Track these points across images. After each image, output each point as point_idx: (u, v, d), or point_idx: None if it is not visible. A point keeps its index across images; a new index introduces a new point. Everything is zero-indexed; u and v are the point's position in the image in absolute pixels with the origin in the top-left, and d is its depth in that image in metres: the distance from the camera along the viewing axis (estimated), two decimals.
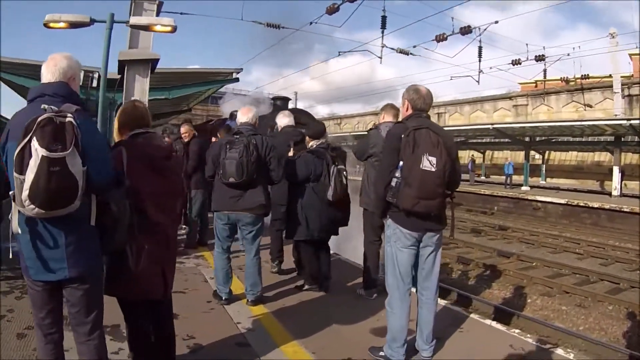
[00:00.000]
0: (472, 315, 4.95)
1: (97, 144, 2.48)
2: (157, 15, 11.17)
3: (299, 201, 5.30)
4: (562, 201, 21.75)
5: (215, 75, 15.51)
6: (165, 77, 14.62)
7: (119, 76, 11.41)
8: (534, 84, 33.72)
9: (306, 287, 5.50)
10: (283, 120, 6.48)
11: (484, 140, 33.83)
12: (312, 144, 5.49)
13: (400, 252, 3.54)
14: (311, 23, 15.50)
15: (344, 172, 5.27)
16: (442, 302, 5.22)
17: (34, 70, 12.70)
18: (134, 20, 6.95)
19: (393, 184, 3.38)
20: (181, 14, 13.46)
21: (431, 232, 3.54)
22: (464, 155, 40.07)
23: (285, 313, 4.78)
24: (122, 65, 10.34)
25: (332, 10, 14.27)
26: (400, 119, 3.92)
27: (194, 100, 21.10)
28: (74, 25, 6.95)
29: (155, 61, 10.60)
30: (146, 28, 7.14)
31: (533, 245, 15.37)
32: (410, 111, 3.63)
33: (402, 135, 3.37)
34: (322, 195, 5.18)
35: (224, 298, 4.98)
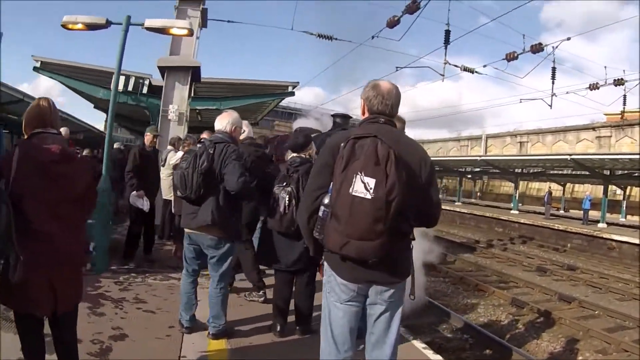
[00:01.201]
0: None
1: None
2: (203, 22, 11.07)
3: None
4: (639, 242, 19.58)
5: (272, 89, 15.23)
6: (216, 87, 14.57)
7: None
8: (620, 115, 31.12)
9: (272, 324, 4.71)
10: None
11: (563, 172, 31.47)
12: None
13: (334, 308, 2.59)
14: (373, 37, 14.78)
15: (285, 197, 4.28)
16: None
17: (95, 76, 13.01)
18: (149, 22, 6.67)
19: (320, 213, 2.48)
20: (228, 22, 13.29)
21: (380, 285, 2.54)
22: (543, 187, 37.69)
23: (245, 354, 4.13)
24: (162, 72, 10.26)
25: (393, 24, 13.54)
26: None
27: (260, 113, 21.05)
28: (90, 27, 6.80)
29: (196, 69, 10.42)
30: (162, 31, 6.82)
31: (600, 290, 13.69)
32: (367, 115, 2.70)
33: (341, 147, 2.41)
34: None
35: (184, 326, 4.45)
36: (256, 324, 4.83)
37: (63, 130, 11.12)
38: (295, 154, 4.63)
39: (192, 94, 13.01)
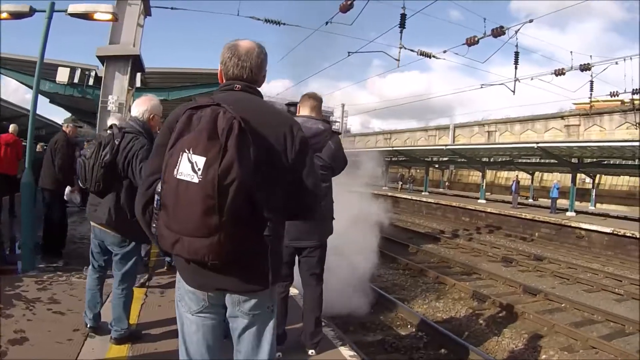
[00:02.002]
0: None
1: None
2: (146, 9, 10.62)
3: None
4: (608, 230, 19.50)
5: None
6: (167, 77, 14.12)
7: None
8: (589, 104, 31.31)
9: None
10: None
11: (531, 161, 31.65)
12: None
13: (186, 319, 2.10)
14: (327, 23, 14.40)
15: None
16: None
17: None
18: (72, 8, 6.34)
19: (155, 203, 1.89)
20: (171, 8, 12.68)
21: (235, 294, 2.02)
22: (512, 177, 38.00)
23: None
24: (102, 61, 9.79)
25: (346, 8, 13.18)
26: None
27: None
28: (15, 15, 6.54)
29: (138, 58, 9.96)
30: (85, 16, 6.48)
31: (567, 280, 13.38)
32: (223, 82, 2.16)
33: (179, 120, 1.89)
34: None
35: (88, 325, 4.08)
36: (171, 326, 4.41)
37: (11, 127, 10.62)
38: None
39: (141, 85, 12.51)
